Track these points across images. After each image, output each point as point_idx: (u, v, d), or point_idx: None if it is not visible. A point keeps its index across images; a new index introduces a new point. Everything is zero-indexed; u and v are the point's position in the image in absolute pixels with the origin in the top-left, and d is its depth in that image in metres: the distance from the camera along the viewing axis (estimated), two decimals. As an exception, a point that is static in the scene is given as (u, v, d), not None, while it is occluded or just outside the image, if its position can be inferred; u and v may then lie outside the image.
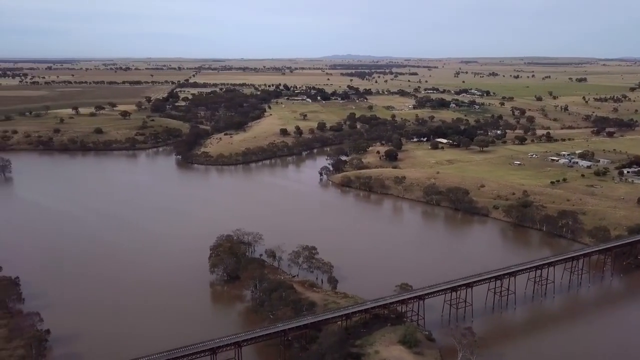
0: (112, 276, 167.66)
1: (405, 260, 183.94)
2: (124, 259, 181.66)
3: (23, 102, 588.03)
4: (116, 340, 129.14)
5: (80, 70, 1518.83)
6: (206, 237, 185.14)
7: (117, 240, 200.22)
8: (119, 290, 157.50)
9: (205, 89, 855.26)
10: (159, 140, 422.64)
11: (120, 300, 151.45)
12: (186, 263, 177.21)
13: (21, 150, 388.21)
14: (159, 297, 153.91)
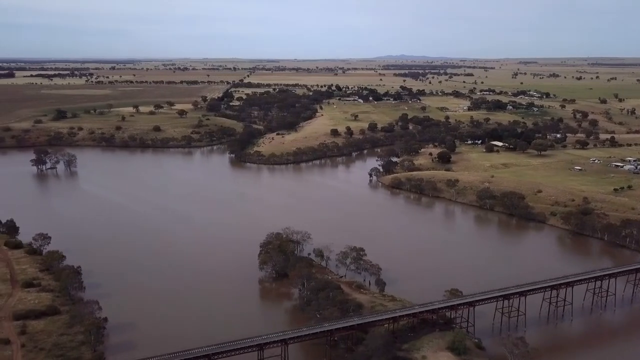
0: (166, 269, 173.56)
1: (456, 266, 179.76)
2: (178, 253, 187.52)
3: (88, 101, 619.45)
4: (168, 330, 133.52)
5: (142, 70, 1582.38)
6: (256, 234, 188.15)
7: (172, 235, 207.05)
8: (172, 283, 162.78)
9: (259, 89, 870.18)
10: (214, 139, 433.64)
11: (173, 292, 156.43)
12: (237, 259, 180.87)
13: (86, 146, 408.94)
14: (210, 290, 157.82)
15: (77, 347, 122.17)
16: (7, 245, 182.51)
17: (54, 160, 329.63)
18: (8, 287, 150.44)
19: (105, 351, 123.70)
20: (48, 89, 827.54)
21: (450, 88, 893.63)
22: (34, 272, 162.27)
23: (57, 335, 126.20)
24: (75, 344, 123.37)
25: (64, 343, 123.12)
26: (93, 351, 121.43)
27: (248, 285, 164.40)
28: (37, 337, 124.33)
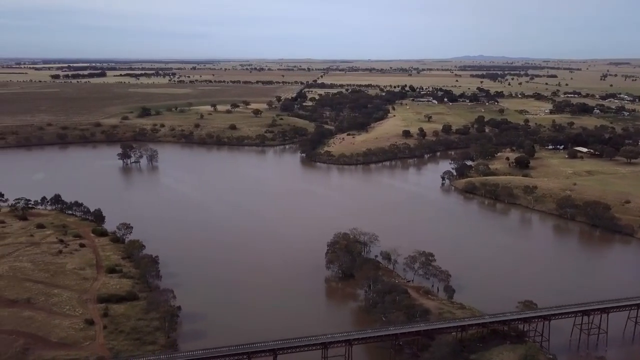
0: (236, 263, 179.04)
1: (530, 277, 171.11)
2: (248, 248, 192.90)
3: (170, 99, 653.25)
4: (235, 322, 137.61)
5: (220, 71, 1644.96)
6: (324, 233, 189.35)
7: (243, 230, 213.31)
8: (242, 277, 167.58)
9: (332, 89, 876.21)
10: (286, 138, 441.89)
11: (242, 285, 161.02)
12: (304, 256, 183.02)
13: (167, 142, 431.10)
14: (277, 286, 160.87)
15: (153, 332, 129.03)
16: (95, 233, 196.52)
17: (138, 154, 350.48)
18: (94, 271, 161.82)
19: (178, 338, 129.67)
20: (135, 88, 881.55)
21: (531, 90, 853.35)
22: (117, 259, 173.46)
23: (135, 319, 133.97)
24: (150, 329, 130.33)
25: (140, 327, 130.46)
26: (167, 337, 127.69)
27: (314, 283, 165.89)
28: (117, 320, 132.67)
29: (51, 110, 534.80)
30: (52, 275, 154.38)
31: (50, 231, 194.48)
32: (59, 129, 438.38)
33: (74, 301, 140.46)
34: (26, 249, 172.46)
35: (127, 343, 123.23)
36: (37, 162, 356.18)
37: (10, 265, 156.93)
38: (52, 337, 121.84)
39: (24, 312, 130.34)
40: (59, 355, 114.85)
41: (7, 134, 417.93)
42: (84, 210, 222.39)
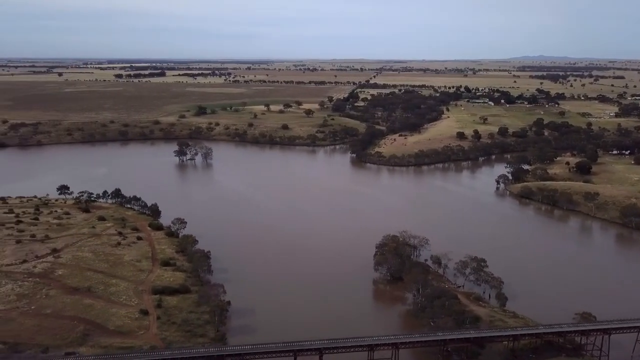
0: (285, 261, 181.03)
1: (589, 288, 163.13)
2: (297, 247, 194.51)
3: (226, 98, 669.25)
4: (283, 320, 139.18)
5: (274, 71, 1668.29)
6: (372, 234, 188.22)
7: (292, 228, 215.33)
8: (290, 275, 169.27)
9: (385, 89, 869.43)
10: (337, 139, 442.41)
11: (290, 284, 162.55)
12: (352, 257, 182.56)
13: (221, 140, 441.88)
14: (325, 286, 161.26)
15: (203, 325, 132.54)
16: (151, 227, 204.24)
17: (193, 152, 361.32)
18: (149, 264, 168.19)
19: (227, 332, 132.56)
20: (192, 87, 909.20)
21: (595, 92, 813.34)
22: (171, 252, 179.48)
23: (187, 312, 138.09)
24: (201, 322, 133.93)
25: (192, 320, 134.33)
26: (216, 331, 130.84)
27: (362, 284, 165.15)
28: (170, 312, 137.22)
29: (114, 108, 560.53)
30: (111, 265, 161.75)
31: (110, 224, 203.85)
32: (120, 126, 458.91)
33: (130, 291, 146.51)
34: (88, 240, 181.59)
35: (179, 334, 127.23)
36: (100, 158, 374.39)
37: (73, 254, 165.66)
38: (109, 324, 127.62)
39: (85, 300, 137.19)
40: (115, 342, 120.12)
41: (73, 130, 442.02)
42: (141, 205, 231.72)
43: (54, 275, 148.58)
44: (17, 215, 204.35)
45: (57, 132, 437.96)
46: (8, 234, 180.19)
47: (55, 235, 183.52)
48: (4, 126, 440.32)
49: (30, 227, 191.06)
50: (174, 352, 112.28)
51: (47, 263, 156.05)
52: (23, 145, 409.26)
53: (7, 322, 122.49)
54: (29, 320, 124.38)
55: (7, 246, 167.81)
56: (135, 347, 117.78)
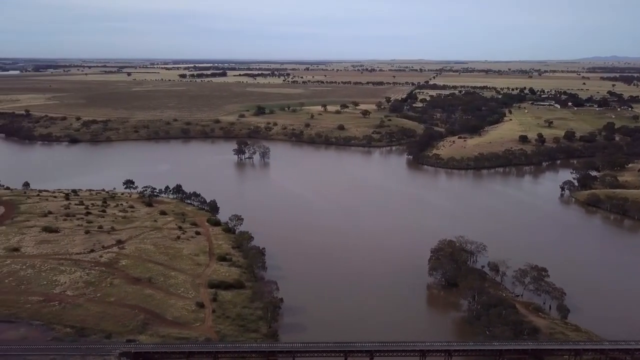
0: (338, 261, 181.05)
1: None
2: (350, 248, 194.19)
3: (284, 99, 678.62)
4: (334, 320, 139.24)
5: (332, 71, 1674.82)
6: (427, 238, 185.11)
7: (346, 229, 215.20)
8: (342, 276, 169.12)
9: (444, 91, 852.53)
10: (393, 140, 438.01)
11: (342, 284, 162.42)
12: (406, 261, 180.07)
13: (278, 140, 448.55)
14: (377, 288, 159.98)
15: (256, 321, 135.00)
16: (209, 222, 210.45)
17: (251, 151, 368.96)
18: (207, 258, 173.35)
19: (279, 329, 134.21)
20: (252, 87, 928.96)
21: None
22: (228, 248, 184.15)
23: (241, 307, 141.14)
24: (254, 317, 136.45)
25: (245, 315, 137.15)
26: (269, 327, 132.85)
27: (415, 289, 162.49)
28: (225, 306, 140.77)
29: (177, 107, 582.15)
30: (170, 258, 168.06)
31: (171, 218, 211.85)
32: (183, 124, 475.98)
33: (188, 284, 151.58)
34: (150, 233, 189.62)
35: (232, 328, 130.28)
36: (163, 154, 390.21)
37: (136, 246, 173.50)
38: (167, 315, 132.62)
39: (146, 290, 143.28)
40: (172, 332, 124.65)
41: (140, 127, 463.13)
42: (200, 201, 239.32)
43: (118, 265, 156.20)
44: (86, 207, 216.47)
45: (125, 129, 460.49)
46: (78, 225, 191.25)
47: (121, 227, 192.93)
48: (77, 123, 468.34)
49: (98, 218, 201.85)
50: (228, 345, 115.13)
51: (112, 253, 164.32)
52: (94, 141, 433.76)
53: (75, 307, 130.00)
54: (95, 306, 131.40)
55: (77, 236, 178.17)
56: (191, 338, 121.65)
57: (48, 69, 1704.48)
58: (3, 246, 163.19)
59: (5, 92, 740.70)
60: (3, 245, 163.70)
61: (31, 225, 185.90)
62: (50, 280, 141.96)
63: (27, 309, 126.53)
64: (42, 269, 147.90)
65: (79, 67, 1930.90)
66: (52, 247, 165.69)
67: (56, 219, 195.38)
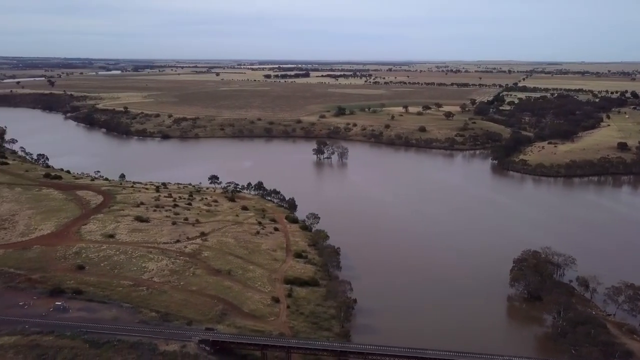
0: (414, 265, 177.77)
1: None
2: (427, 253, 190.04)
3: (364, 100, 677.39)
4: (407, 325, 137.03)
5: (415, 72, 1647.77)
6: (510, 247, 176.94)
7: (423, 233, 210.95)
8: (418, 280, 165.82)
9: (534, 93, 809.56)
10: (477, 143, 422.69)
11: (417, 290, 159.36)
12: (485, 269, 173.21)
13: (357, 140, 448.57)
14: (454, 295, 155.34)
15: (329, 319, 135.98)
16: (287, 219, 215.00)
17: (330, 151, 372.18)
18: (283, 254, 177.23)
19: (351, 329, 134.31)
20: (333, 88, 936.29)
21: None
22: (304, 245, 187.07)
23: (314, 304, 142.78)
24: (327, 316, 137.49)
25: (318, 313, 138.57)
26: (341, 326, 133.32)
27: (494, 299, 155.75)
28: (299, 302, 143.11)
29: (261, 107, 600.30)
30: (249, 252, 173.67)
31: (252, 213, 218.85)
32: (266, 123, 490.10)
33: (265, 279, 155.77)
34: (231, 227, 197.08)
35: (305, 325, 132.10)
36: (246, 152, 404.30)
37: (218, 239, 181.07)
38: (244, 307, 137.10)
39: (225, 282, 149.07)
40: (248, 324, 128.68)
41: (226, 125, 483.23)
42: (280, 198, 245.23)
43: (201, 256, 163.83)
44: (174, 199, 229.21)
45: (212, 127, 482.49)
46: (166, 216, 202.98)
47: (204, 220, 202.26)
48: (169, 120, 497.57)
49: (185, 211, 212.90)
50: (300, 341, 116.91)
51: (195, 245, 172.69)
52: (183, 137, 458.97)
53: (161, 294, 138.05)
54: (178, 294, 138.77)
55: (165, 227, 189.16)
56: (265, 331, 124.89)
57: (145, 69, 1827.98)
58: (100, 232, 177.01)
59: (108, 90, 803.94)
60: (100, 232, 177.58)
61: (125, 214, 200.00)
62: (139, 267, 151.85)
63: (119, 292, 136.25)
64: (133, 256, 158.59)
65: (172, 67, 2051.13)
66: (143, 236, 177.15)
67: (147, 210, 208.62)
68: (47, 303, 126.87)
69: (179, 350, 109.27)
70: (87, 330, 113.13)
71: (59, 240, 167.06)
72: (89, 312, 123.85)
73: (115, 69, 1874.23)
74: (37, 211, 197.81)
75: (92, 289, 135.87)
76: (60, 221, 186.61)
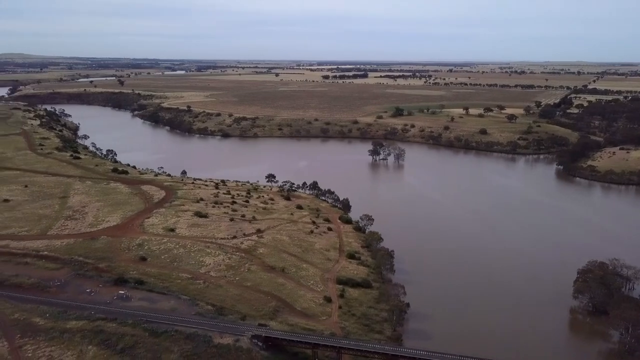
0: (470, 272, 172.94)
1: None
2: (484, 259, 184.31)
3: (423, 101, 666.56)
4: (461, 332, 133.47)
5: (477, 73, 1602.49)
6: (573, 257, 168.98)
7: (481, 239, 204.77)
8: (474, 287, 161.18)
9: (606, 96, 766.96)
10: (542, 147, 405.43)
11: (474, 297, 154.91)
12: (546, 278, 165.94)
13: (414, 142, 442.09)
14: (512, 303, 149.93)
15: (380, 322, 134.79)
16: (341, 220, 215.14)
17: (386, 152, 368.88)
18: (336, 254, 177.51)
19: (404, 333, 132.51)
20: (392, 89, 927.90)
21: None
22: (357, 246, 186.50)
23: (366, 306, 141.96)
24: (379, 319, 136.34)
25: (370, 315, 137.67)
26: (393, 330, 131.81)
27: (555, 310, 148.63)
28: (351, 303, 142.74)
29: (319, 107, 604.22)
30: (303, 251, 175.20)
31: (306, 213, 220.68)
32: (323, 124, 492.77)
33: (318, 278, 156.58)
34: (286, 225, 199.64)
35: (357, 326, 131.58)
36: (303, 152, 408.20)
37: (273, 236, 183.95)
38: (296, 305, 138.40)
39: (279, 279, 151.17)
40: (300, 322, 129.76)
41: (283, 125, 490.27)
42: (334, 198, 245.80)
43: (256, 253, 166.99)
44: (232, 196, 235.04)
45: (270, 126, 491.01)
46: (224, 212, 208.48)
47: (261, 218, 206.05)
48: (229, 119, 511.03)
49: (242, 208, 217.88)
50: (351, 342, 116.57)
51: (251, 241, 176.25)
52: (242, 136, 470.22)
53: (217, 288, 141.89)
54: (233, 289, 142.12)
55: (222, 222, 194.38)
56: (317, 330, 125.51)
57: (208, 70, 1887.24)
58: (162, 226, 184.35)
59: (172, 89, 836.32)
60: (162, 225, 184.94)
61: (185, 209, 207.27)
62: (197, 261, 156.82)
63: (178, 284, 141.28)
64: (191, 250, 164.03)
65: (234, 67, 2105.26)
66: (201, 231, 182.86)
67: (206, 206, 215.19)
68: (111, 291, 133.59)
69: (233, 343, 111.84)
70: (147, 320, 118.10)
71: (123, 232, 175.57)
72: (149, 302, 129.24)
73: (180, 69, 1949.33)
74: (105, 204, 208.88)
75: (152, 280, 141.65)
76: (126, 214, 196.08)
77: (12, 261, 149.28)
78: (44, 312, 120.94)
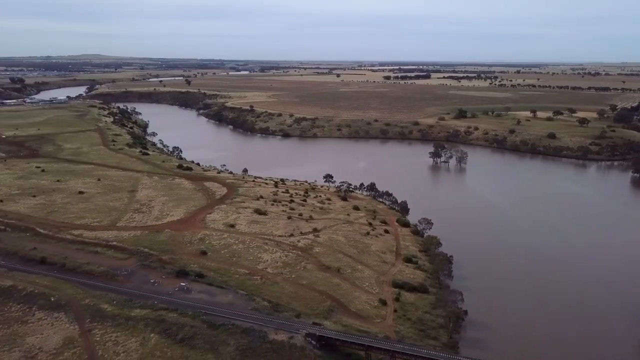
0: (534, 282, 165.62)
1: None
2: (549, 269, 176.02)
3: (488, 102, 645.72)
4: (522, 344, 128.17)
5: (547, 75, 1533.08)
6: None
7: (546, 249, 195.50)
8: (537, 298, 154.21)
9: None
10: (616, 154, 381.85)
11: (535, 309, 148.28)
12: (618, 294, 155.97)
13: (477, 145, 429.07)
14: (579, 318, 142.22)
15: (436, 328, 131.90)
16: (398, 222, 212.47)
17: (448, 155, 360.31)
18: (393, 257, 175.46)
19: (460, 341, 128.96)
20: (455, 90, 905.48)
21: None
22: (414, 250, 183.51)
23: (422, 311, 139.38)
24: (435, 325, 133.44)
25: (426, 320, 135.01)
26: (449, 337, 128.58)
27: (628, 335, 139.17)
28: (406, 307, 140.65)
29: (379, 108, 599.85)
30: (359, 252, 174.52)
31: (363, 214, 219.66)
32: (382, 125, 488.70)
33: (373, 280, 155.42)
34: (342, 226, 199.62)
35: (412, 331, 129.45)
36: (361, 153, 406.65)
37: (329, 236, 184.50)
38: (351, 306, 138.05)
39: (334, 279, 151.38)
40: (354, 324, 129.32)
41: (343, 126, 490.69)
42: (392, 200, 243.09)
43: (312, 252, 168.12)
44: (291, 195, 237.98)
45: (330, 127, 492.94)
46: (282, 210, 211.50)
47: (317, 217, 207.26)
48: (290, 119, 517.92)
49: (299, 207, 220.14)
50: (406, 347, 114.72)
51: (308, 240, 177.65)
52: (302, 136, 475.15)
53: (273, 284, 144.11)
54: (289, 286, 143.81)
55: (280, 220, 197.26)
56: (371, 332, 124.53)
57: (271, 70, 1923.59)
58: (223, 222, 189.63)
59: (237, 89, 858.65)
60: (223, 221, 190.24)
61: (245, 206, 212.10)
62: (255, 257, 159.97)
63: (236, 279, 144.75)
64: (250, 246, 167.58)
65: (296, 68, 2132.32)
66: (260, 228, 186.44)
67: (265, 203, 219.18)
68: (173, 283, 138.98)
69: (287, 340, 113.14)
70: (206, 312, 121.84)
71: (186, 227, 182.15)
72: (208, 295, 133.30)
73: (244, 70, 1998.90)
74: (170, 198, 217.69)
75: (212, 274, 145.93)
76: (189, 209, 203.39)
77: (85, 250, 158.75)
78: (112, 299, 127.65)
